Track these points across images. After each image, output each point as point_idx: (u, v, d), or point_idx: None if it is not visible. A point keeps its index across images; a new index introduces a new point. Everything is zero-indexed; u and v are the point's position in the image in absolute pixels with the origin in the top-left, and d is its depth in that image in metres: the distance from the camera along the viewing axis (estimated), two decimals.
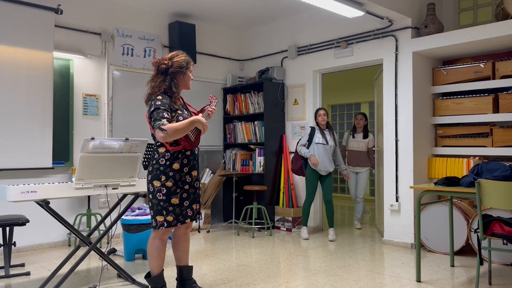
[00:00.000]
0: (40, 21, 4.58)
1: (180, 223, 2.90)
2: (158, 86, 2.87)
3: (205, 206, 5.79)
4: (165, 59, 2.90)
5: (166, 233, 2.93)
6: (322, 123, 5.19)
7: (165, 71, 2.89)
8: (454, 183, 3.48)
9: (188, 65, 2.95)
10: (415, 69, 4.76)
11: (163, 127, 2.68)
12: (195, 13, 5.79)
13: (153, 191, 2.84)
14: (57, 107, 4.79)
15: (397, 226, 4.83)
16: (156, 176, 2.84)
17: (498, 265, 3.98)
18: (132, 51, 5.43)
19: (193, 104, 6.00)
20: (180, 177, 2.89)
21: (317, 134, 5.15)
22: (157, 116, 2.75)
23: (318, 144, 5.11)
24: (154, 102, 2.80)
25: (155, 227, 2.85)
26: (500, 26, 4.11)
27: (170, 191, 2.84)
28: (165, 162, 2.85)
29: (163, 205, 2.83)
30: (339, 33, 5.43)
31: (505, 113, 4.43)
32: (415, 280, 3.53)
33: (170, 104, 2.84)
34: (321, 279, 3.57)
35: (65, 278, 3.18)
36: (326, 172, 5.14)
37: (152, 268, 2.96)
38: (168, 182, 2.83)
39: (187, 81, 2.98)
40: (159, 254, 2.93)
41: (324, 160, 5.10)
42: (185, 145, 2.88)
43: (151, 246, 2.93)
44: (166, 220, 2.84)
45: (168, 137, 2.71)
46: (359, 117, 5.99)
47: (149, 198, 2.88)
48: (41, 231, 4.73)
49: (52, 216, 3.19)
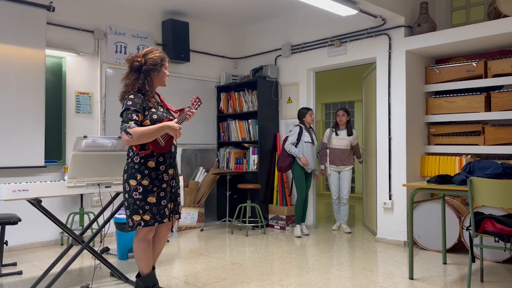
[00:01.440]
0: (32, 18, 4.54)
1: (157, 222, 2.81)
2: (131, 84, 2.80)
3: (199, 204, 5.78)
4: (138, 56, 2.82)
5: (150, 233, 2.86)
6: (311, 123, 5.29)
7: (138, 68, 2.80)
8: (447, 181, 3.50)
9: (162, 62, 2.87)
10: (408, 67, 4.78)
11: (129, 131, 2.60)
12: (188, 11, 5.76)
13: (129, 190, 2.77)
14: (49, 105, 4.76)
15: (390, 224, 4.85)
16: (132, 174, 2.77)
17: (490, 262, 4.02)
18: (125, 49, 5.40)
19: (187, 102, 6.04)
20: (157, 176, 2.81)
21: (305, 133, 5.20)
22: (125, 117, 2.68)
23: (306, 143, 5.16)
24: (125, 102, 2.73)
25: (132, 227, 2.77)
26: (492, 25, 4.13)
27: (146, 189, 2.77)
28: (139, 160, 2.78)
29: (140, 204, 2.75)
30: (332, 31, 5.43)
31: (497, 111, 4.47)
32: (408, 278, 3.55)
33: (143, 103, 2.77)
34: (315, 277, 3.58)
35: (58, 277, 3.16)
36: (311, 170, 5.25)
37: (141, 268, 2.90)
38: (144, 180, 2.76)
39: (162, 78, 2.90)
40: (146, 254, 2.87)
41: (311, 158, 5.20)
42: (154, 149, 2.78)
43: (137, 248, 2.86)
44: (143, 219, 2.76)
45: (133, 141, 2.64)
46: (340, 113, 5.57)
47: (125, 198, 2.80)
48: (34, 230, 4.69)
49: (44, 214, 3.17)
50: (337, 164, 5.51)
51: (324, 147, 5.63)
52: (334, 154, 5.53)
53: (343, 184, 5.51)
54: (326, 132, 5.70)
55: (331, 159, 5.54)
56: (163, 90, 5.77)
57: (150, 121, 2.77)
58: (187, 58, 5.74)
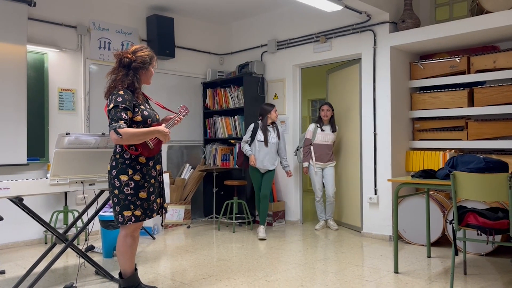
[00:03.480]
0: (13, 13, 4.45)
1: (148, 217, 2.83)
2: (121, 80, 2.77)
3: (185, 201, 5.75)
4: (128, 53, 2.80)
5: (137, 229, 2.86)
6: (276, 119, 5.07)
7: (127, 65, 2.79)
8: (431, 175, 3.54)
9: (151, 60, 2.88)
10: (393, 63, 4.81)
11: (119, 130, 2.60)
12: (173, 6, 5.71)
13: (119, 186, 2.74)
14: (31, 102, 4.67)
15: (375, 218, 4.89)
16: (123, 170, 2.75)
17: (473, 255, 4.08)
18: (109, 45, 5.33)
19: (173, 98, 6.00)
20: (147, 171, 2.83)
21: (259, 132, 5.02)
22: (115, 115, 2.66)
23: (259, 142, 5.00)
24: (115, 98, 2.70)
25: (123, 223, 2.75)
26: (475, 21, 4.18)
27: (138, 185, 2.77)
28: (130, 155, 2.77)
29: (131, 199, 2.74)
30: (318, 27, 5.44)
31: (480, 107, 4.53)
32: (393, 272, 3.58)
33: (132, 100, 2.76)
34: (301, 272, 3.59)
35: (41, 276, 3.12)
36: (265, 170, 5.02)
37: (125, 268, 2.86)
38: (136, 175, 2.76)
39: (149, 76, 2.91)
40: (132, 252, 2.85)
41: (264, 158, 4.97)
42: (143, 152, 2.79)
43: (123, 244, 2.82)
44: (134, 214, 2.75)
45: (122, 142, 2.63)
46: (325, 107, 5.34)
47: (114, 194, 2.76)
48: (16, 229, 4.62)
49: (27, 213, 3.12)
50: (324, 160, 5.31)
51: (307, 144, 5.33)
52: (320, 150, 5.30)
53: (329, 181, 5.31)
54: (310, 127, 5.37)
55: (317, 156, 5.30)
56: (149, 87, 5.72)
57: (141, 117, 2.78)
58: (172, 54, 5.69)
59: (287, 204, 5.83)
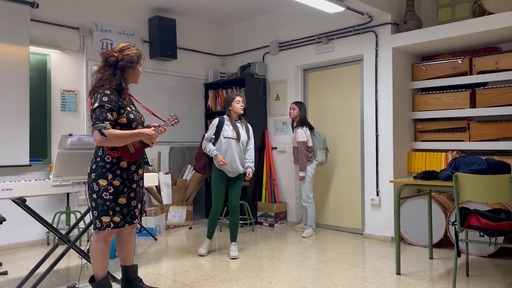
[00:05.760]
0: (15, 15, 4.47)
1: (127, 223, 2.74)
2: (107, 79, 2.68)
3: (187, 202, 5.76)
4: (114, 51, 2.72)
5: (111, 235, 2.75)
6: (241, 112, 4.26)
7: (114, 64, 2.70)
8: (433, 177, 3.53)
9: (139, 59, 2.79)
10: (394, 64, 4.81)
11: (104, 131, 2.52)
12: (175, 7, 5.72)
13: (98, 190, 2.64)
14: (34, 103, 4.68)
15: (377, 220, 4.89)
16: (102, 174, 2.65)
17: (475, 256, 4.07)
18: (111, 46, 5.34)
19: (174, 99, 6.01)
20: (128, 176, 2.74)
21: (225, 127, 4.16)
22: (100, 115, 2.58)
23: (227, 138, 4.12)
24: (100, 97, 2.61)
25: (100, 228, 2.66)
26: (477, 22, 4.18)
27: (117, 190, 2.67)
28: (111, 159, 2.68)
29: (110, 205, 2.65)
30: (320, 28, 5.44)
31: (482, 108, 4.52)
32: (395, 273, 3.58)
33: (118, 101, 2.68)
34: (303, 273, 3.59)
35: (43, 277, 3.12)
36: (235, 174, 4.17)
37: (96, 271, 2.76)
38: (115, 180, 2.67)
39: (137, 76, 2.82)
40: (104, 256, 2.74)
41: (234, 159, 4.10)
42: (123, 156, 2.70)
43: (94, 248, 2.73)
44: (112, 221, 2.66)
45: (106, 143, 2.57)
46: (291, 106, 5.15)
47: (92, 198, 2.67)
48: (19, 230, 4.63)
49: (29, 214, 3.13)
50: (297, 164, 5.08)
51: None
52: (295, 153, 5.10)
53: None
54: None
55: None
56: (151, 87, 5.74)
57: (126, 119, 2.71)
58: (174, 55, 5.70)
59: (288, 205, 5.83)
